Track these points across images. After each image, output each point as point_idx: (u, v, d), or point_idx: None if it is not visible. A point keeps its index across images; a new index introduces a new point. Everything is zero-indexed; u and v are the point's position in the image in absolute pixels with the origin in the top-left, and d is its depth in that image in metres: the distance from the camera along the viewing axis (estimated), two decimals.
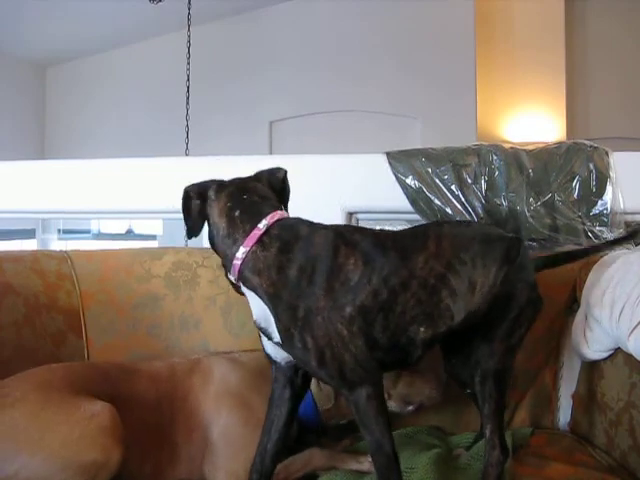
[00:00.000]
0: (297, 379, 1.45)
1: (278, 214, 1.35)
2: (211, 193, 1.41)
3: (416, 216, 2.20)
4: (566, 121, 6.41)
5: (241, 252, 1.31)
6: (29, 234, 6.54)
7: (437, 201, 2.15)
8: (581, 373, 1.84)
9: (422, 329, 1.32)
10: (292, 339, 1.28)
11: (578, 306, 1.82)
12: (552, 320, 1.88)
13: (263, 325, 1.35)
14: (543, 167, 2.15)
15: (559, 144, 2.24)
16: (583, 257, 1.73)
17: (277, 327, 1.30)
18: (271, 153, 6.71)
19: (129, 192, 2.48)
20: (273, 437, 1.44)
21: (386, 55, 6.46)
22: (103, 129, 7.19)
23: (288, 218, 1.37)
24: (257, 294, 1.33)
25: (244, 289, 1.37)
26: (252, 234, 1.32)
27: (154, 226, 6.93)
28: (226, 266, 1.37)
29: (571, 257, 1.71)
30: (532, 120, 6.34)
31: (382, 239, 1.36)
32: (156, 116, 6.90)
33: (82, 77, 7.46)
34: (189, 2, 5.10)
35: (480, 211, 2.12)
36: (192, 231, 1.43)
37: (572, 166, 2.12)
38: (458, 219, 2.11)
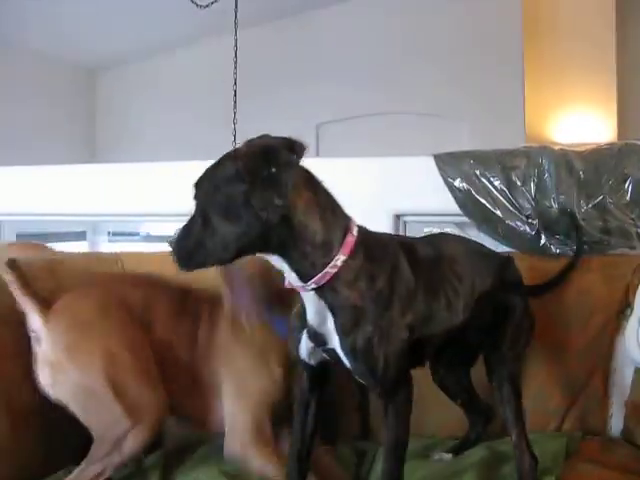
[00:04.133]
0: (322, 380, 1.44)
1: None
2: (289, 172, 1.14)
3: (464, 218, 2.18)
4: (617, 121, 6.27)
5: (340, 261, 1.19)
6: (80, 236, 6.66)
7: (486, 203, 2.13)
8: (635, 379, 1.80)
9: (439, 330, 1.40)
10: (366, 352, 1.24)
11: (631, 311, 1.79)
12: (603, 325, 1.85)
13: (319, 331, 1.28)
14: (594, 169, 2.11)
15: (611, 145, 2.20)
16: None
17: (345, 339, 1.25)
18: (318, 156, 6.72)
19: (178, 195, 2.50)
20: (306, 441, 1.43)
21: (432, 56, 6.42)
22: (152, 133, 7.30)
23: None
24: (334, 304, 1.24)
25: (304, 293, 1.26)
26: (347, 241, 1.22)
27: None
28: (298, 270, 1.21)
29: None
30: (582, 120, 6.22)
31: (417, 249, 1.41)
32: (204, 120, 6.97)
33: (132, 81, 7.59)
34: (236, 6, 5.14)
35: (530, 213, 2.09)
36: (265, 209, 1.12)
37: (624, 167, 2.08)
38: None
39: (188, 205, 1.38)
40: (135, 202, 2.57)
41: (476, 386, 1.74)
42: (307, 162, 1.22)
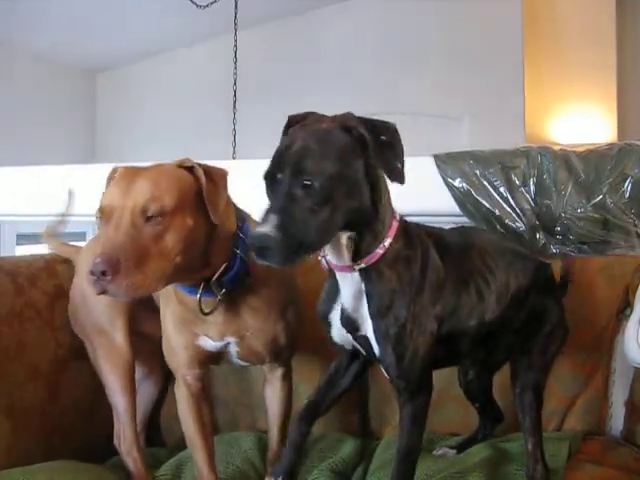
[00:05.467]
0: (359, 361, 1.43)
1: None
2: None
3: (464, 219, 2.18)
4: (617, 121, 6.26)
5: (388, 243, 1.21)
6: (80, 237, 6.66)
7: (485, 203, 2.13)
8: (634, 380, 1.80)
9: (472, 323, 1.35)
10: (397, 338, 1.23)
11: (631, 311, 1.78)
12: (604, 325, 1.84)
13: (352, 315, 1.27)
14: (594, 169, 2.12)
15: (610, 145, 2.20)
16: None
17: (379, 322, 1.24)
18: None
19: None
20: (319, 411, 1.42)
21: (432, 56, 6.42)
22: (152, 133, 7.29)
23: None
24: (374, 287, 1.23)
25: (341, 275, 1.25)
26: (394, 225, 1.25)
27: None
28: (359, 250, 1.20)
29: None
30: (582, 120, 6.20)
31: (445, 237, 1.40)
32: (204, 120, 6.97)
33: (131, 82, 7.58)
34: (235, 6, 5.14)
35: (529, 213, 2.09)
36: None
37: (624, 167, 2.08)
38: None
39: None
40: None
41: None
42: None
